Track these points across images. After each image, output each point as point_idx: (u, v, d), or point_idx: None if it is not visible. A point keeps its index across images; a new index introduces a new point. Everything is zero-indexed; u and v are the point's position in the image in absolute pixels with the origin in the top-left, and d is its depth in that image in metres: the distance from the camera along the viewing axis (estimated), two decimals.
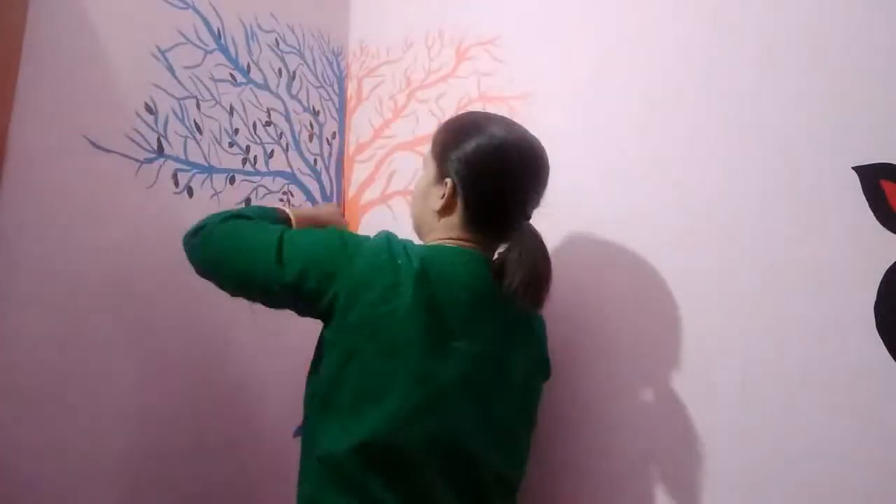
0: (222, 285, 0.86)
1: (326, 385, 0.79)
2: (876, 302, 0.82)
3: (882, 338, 0.81)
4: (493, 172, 0.85)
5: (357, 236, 0.85)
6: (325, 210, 1.05)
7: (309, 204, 1.39)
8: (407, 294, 0.76)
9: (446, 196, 0.86)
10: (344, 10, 1.56)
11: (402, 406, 0.75)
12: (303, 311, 0.83)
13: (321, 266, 0.78)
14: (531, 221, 0.91)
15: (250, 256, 0.81)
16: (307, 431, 0.82)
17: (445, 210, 0.87)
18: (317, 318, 0.82)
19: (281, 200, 1.32)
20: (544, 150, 0.90)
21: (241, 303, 1.03)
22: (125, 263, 1.01)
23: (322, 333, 0.83)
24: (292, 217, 0.94)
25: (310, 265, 0.78)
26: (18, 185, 0.87)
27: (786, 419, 0.87)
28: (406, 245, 0.83)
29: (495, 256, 0.89)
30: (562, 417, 1.06)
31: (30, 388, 0.89)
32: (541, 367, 0.95)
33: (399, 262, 0.79)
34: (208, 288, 1.14)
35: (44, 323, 0.91)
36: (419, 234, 0.95)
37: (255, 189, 1.26)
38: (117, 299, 1.00)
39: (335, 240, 0.81)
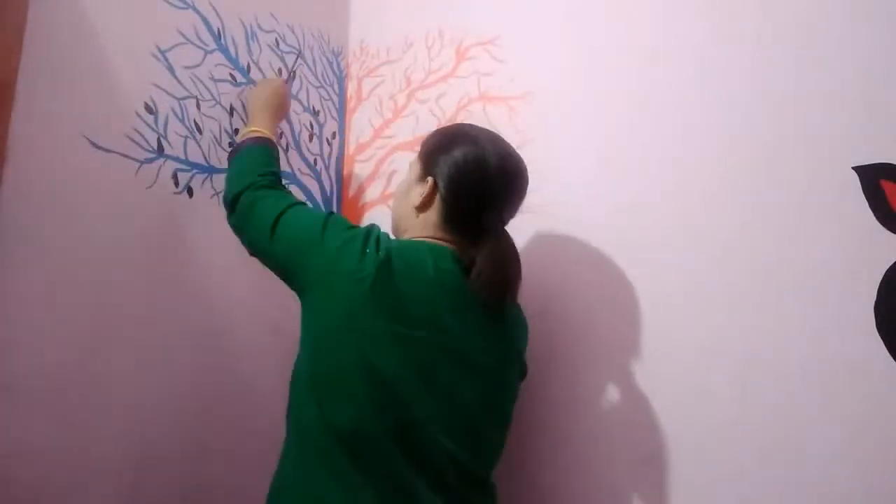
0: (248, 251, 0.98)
1: (300, 366, 0.86)
2: (876, 302, 0.82)
3: (882, 338, 0.82)
4: (474, 177, 0.90)
5: (342, 222, 0.91)
6: (253, 102, 1.16)
7: (309, 204, 1.39)
8: (367, 282, 0.81)
9: (426, 192, 0.91)
10: (344, 10, 1.56)
11: (361, 391, 0.78)
12: (288, 281, 0.91)
13: (298, 246, 0.88)
14: (514, 225, 0.94)
15: (256, 231, 0.93)
16: (288, 409, 0.89)
17: (424, 206, 0.92)
18: (296, 292, 0.89)
19: None
20: (525, 168, 0.96)
21: (241, 303, 1.03)
22: (125, 263, 1.01)
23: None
24: (266, 134, 1.08)
25: (290, 243, 0.89)
26: (18, 185, 0.87)
27: (786, 419, 0.87)
28: (381, 237, 0.88)
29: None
30: (560, 418, 1.06)
31: (30, 387, 0.89)
32: (516, 365, 0.95)
33: (367, 250, 0.84)
34: (208, 288, 1.14)
35: (44, 323, 0.91)
36: (397, 232, 0.99)
37: None
38: (117, 299, 1.00)
39: (318, 225, 0.88)
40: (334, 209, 1.47)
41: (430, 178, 0.92)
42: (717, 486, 0.91)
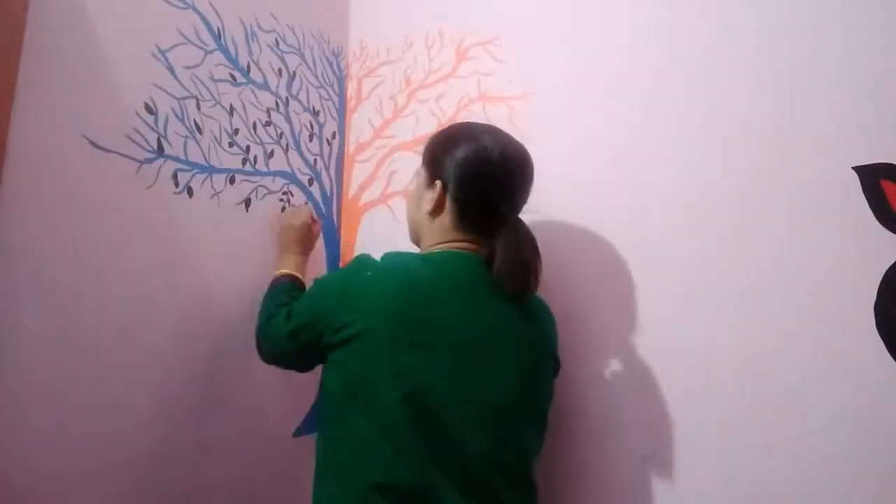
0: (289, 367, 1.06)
1: (328, 398, 0.88)
2: (876, 302, 0.82)
3: (882, 338, 0.81)
4: (481, 173, 0.92)
5: (333, 273, 0.98)
6: (283, 238, 1.24)
7: (310, 204, 1.39)
8: (378, 303, 0.83)
9: (437, 196, 0.93)
10: (344, 10, 1.56)
11: (388, 403, 0.80)
12: (320, 357, 0.91)
13: (311, 321, 0.90)
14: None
15: (275, 340, 0.99)
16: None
17: (436, 210, 0.94)
18: (327, 352, 0.89)
19: (281, 200, 1.32)
20: (529, 156, 0.97)
21: (241, 303, 1.03)
22: (125, 263, 1.01)
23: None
24: (288, 271, 1.16)
25: (305, 321, 0.92)
26: (18, 185, 0.87)
27: (786, 419, 0.87)
28: (382, 260, 0.90)
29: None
30: (560, 418, 1.06)
31: (29, 387, 0.89)
32: (549, 361, 0.96)
33: (369, 273, 0.87)
34: (208, 288, 1.14)
35: (44, 323, 0.91)
36: (416, 240, 1.00)
37: (255, 189, 1.26)
38: (117, 299, 1.00)
39: (319, 286, 0.95)
40: (334, 209, 1.47)
41: (438, 183, 0.93)
42: (717, 486, 0.91)
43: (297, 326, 0.92)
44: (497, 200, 0.92)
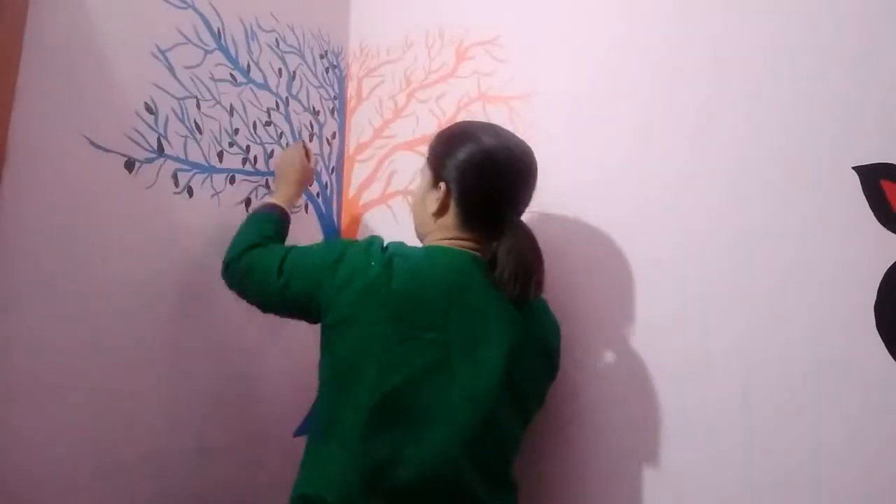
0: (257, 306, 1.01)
1: (323, 376, 0.90)
2: (876, 302, 0.82)
3: (882, 338, 0.82)
4: (484, 175, 0.92)
5: (344, 244, 0.94)
6: (283, 172, 1.19)
7: (310, 204, 1.39)
8: (377, 293, 0.84)
9: (441, 198, 0.94)
10: (344, 10, 1.56)
11: (374, 395, 0.81)
12: (304, 317, 0.94)
13: (309, 276, 0.91)
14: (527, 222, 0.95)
15: (262, 281, 0.96)
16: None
17: (440, 211, 0.94)
18: (314, 322, 0.93)
19: None
20: (533, 155, 0.97)
21: (241, 303, 1.03)
22: (124, 263, 1.01)
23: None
24: (278, 203, 1.12)
25: (300, 275, 0.92)
26: (18, 184, 0.87)
27: (786, 419, 0.87)
28: (388, 247, 0.91)
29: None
30: (560, 419, 1.06)
31: (30, 388, 0.89)
32: (544, 363, 0.96)
33: (373, 263, 0.87)
34: (208, 288, 1.14)
35: (44, 322, 0.91)
36: (420, 238, 1.00)
37: (255, 189, 1.26)
38: (116, 299, 1.00)
39: (324, 253, 0.93)
40: (334, 209, 1.47)
41: (442, 185, 0.94)
42: (717, 487, 0.91)
43: (292, 287, 0.92)
44: (501, 202, 0.93)
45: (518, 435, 0.92)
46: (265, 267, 0.96)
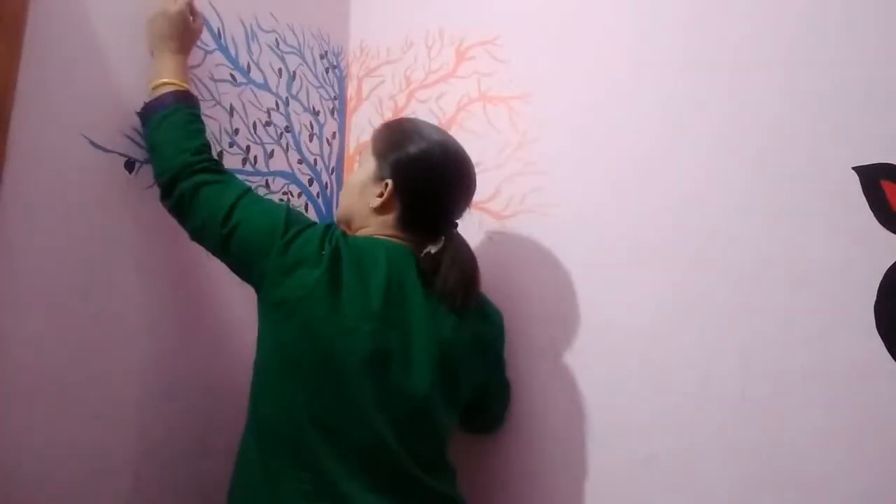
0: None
1: (260, 355, 0.90)
2: (876, 302, 0.83)
3: (882, 338, 0.82)
4: (430, 180, 0.94)
5: (303, 219, 0.92)
6: (153, 30, 1.02)
7: (310, 205, 1.39)
8: (323, 280, 0.85)
9: (385, 196, 0.93)
10: (344, 10, 1.55)
11: (311, 381, 0.84)
12: (239, 271, 0.93)
13: (255, 237, 0.88)
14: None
15: (205, 223, 0.92)
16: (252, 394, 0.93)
17: (383, 209, 0.94)
18: (249, 283, 0.91)
19: (281, 200, 1.32)
20: (472, 163, 0.99)
21: (241, 303, 1.03)
22: (125, 263, 1.01)
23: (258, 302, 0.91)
24: (171, 82, 0.99)
25: (246, 233, 0.88)
26: (18, 184, 0.87)
27: (786, 419, 0.87)
28: (338, 235, 0.90)
29: (423, 254, 0.94)
30: (559, 420, 1.06)
31: (30, 388, 0.89)
32: (479, 355, 0.97)
33: (323, 252, 0.87)
34: (208, 287, 1.14)
35: (44, 322, 0.91)
36: (348, 224, 1.00)
37: (255, 189, 1.26)
38: (116, 299, 1.00)
39: (280, 219, 0.89)
40: (334, 209, 1.47)
41: (388, 182, 0.93)
42: (716, 487, 0.91)
43: (236, 239, 0.88)
44: (446, 208, 0.95)
45: (451, 422, 0.95)
46: (212, 206, 0.90)
